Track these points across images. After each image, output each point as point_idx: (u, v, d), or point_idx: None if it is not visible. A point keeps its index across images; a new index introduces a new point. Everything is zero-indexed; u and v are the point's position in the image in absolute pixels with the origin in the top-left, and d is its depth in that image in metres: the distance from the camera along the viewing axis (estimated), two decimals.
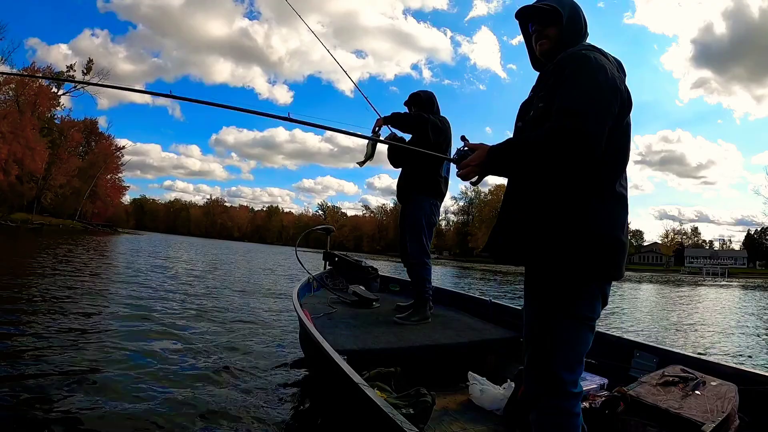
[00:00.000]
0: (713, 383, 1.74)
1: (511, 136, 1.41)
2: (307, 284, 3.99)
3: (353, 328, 2.73)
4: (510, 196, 1.37)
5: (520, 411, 1.94)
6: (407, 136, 3.33)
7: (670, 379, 1.76)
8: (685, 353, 2.10)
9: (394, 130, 3.30)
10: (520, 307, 2.94)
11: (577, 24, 1.37)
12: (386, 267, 18.55)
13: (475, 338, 2.68)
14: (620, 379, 2.05)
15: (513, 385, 2.05)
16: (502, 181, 1.46)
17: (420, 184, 3.20)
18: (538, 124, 1.26)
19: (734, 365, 1.95)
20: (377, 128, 3.26)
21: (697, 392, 1.67)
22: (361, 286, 3.81)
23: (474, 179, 1.38)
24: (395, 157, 3.37)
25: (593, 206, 1.24)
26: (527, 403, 1.33)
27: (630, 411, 1.60)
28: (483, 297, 3.50)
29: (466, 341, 2.63)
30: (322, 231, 4.84)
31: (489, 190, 69.03)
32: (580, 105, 1.16)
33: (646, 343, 2.21)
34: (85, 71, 44.48)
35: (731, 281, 35.36)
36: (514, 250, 1.31)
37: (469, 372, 2.28)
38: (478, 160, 1.31)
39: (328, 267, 4.56)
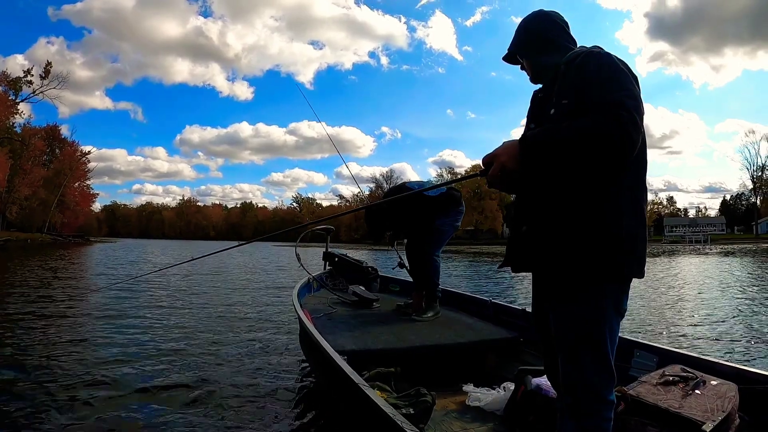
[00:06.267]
0: (713, 382, 1.74)
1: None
2: (307, 284, 3.99)
3: (353, 329, 2.73)
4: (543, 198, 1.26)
5: (520, 411, 1.94)
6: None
7: (670, 378, 1.75)
8: (685, 352, 2.10)
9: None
10: (520, 307, 2.94)
11: (539, 44, 1.40)
12: (368, 256, 18.32)
13: (474, 338, 2.68)
14: (620, 378, 2.03)
15: (513, 386, 2.05)
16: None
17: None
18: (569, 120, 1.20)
19: (734, 364, 1.95)
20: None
21: (697, 392, 1.66)
22: (361, 287, 3.81)
23: (499, 181, 1.22)
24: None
25: (636, 198, 1.24)
26: (558, 410, 1.29)
27: (630, 411, 1.60)
28: (483, 297, 3.50)
29: (465, 341, 2.63)
30: (322, 231, 4.84)
31: (466, 171, 67.39)
32: (625, 97, 1.14)
33: (646, 342, 2.21)
34: (42, 75, 41.53)
35: (718, 248, 35.12)
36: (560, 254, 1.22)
37: (463, 386, 2.26)
38: (506, 153, 1.19)
39: (327, 267, 4.55)
